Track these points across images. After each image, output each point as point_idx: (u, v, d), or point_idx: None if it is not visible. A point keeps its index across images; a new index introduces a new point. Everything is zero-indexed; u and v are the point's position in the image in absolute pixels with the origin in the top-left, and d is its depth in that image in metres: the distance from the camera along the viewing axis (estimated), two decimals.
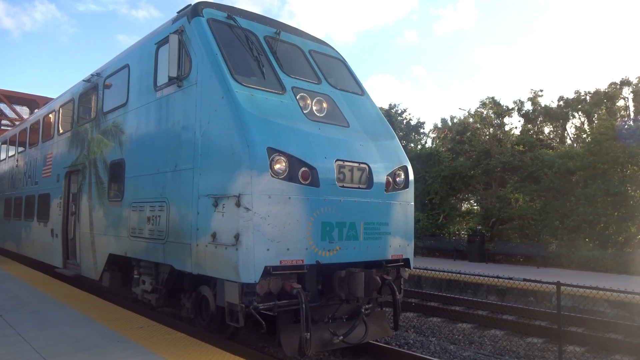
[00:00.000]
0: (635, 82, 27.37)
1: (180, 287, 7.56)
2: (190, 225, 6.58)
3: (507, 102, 39.04)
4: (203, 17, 7.08)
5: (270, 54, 7.32)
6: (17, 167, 16.17)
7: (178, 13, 7.68)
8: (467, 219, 27.38)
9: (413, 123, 37.01)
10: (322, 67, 8.01)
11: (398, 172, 7.42)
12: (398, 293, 7.23)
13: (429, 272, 12.77)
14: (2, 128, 28.21)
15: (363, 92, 8.49)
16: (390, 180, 7.24)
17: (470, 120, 30.82)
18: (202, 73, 6.76)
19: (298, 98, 6.93)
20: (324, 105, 7.23)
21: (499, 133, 27.52)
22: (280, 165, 5.97)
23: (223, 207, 6.02)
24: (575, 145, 26.86)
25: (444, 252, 23.78)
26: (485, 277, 10.89)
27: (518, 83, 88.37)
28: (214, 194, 6.18)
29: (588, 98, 28.73)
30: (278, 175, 5.94)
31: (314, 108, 7.05)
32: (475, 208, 28.56)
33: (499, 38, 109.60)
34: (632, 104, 27.86)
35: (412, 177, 7.70)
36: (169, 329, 6.91)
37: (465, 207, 29.76)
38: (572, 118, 29.82)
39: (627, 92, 27.98)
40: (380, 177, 7.07)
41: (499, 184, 25.09)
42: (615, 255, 18.10)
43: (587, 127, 27.82)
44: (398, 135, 8.35)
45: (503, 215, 23.47)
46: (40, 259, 13.18)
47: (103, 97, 9.91)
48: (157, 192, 7.51)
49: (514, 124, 51.35)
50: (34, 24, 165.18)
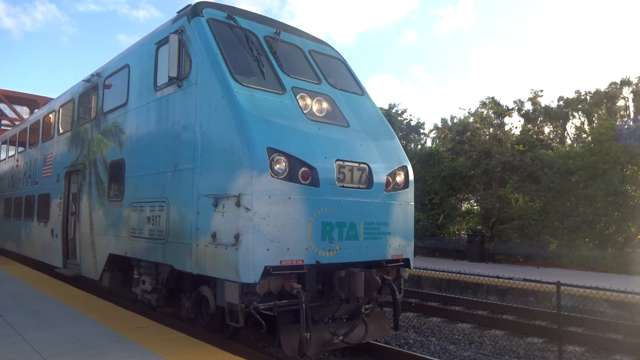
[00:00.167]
0: (635, 81, 27.38)
1: (180, 287, 7.56)
2: (190, 225, 6.58)
3: (507, 102, 39.12)
4: (203, 17, 7.08)
5: (270, 54, 7.32)
6: (17, 167, 16.18)
7: (178, 13, 7.68)
8: (467, 219, 27.36)
9: (413, 123, 36.97)
10: (322, 67, 8.01)
11: (398, 172, 7.42)
12: (398, 293, 7.23)
13: (429, 272, 12.78)
14: (2, 128, 28.21)
15: (363, 92, 8.49)
16: (390, 180, 7.24)
17: (471, 120, 30.81)
18: (202, 73, 6.76)
19: (298, 98, 6.93)
20: (324, 105, 7.23)
21: (499, 133, 27.50)
22: (280, 165, 5.97)
23: (223, 207, 6.02)
24: (575, 145, 26.84)
25: (444, 252, 23.76)
26: (485, 277, 10.89)
27: (518, 83, 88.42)
28: (214, 194, 6.18)
29: (588, 98, 28.71)
30: (278, 175, 5.94)
31: (314, 108, 7.05)
32: (475, 208, 28.54)
33: (499, 38, 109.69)
34: (632, 104, 27.85)
35: (412, 177, 7.70)
36: (169, 329, 6.91)
37: (465, 207, 29.73)
38: (572, 118, 29.81)
39: (627, 92, 27.98)
40: (380, 177, 7.07)
41: (499, 184, 25.07)
42: (615, 255, 18.09)
43: (587, 127, 27.80)
44: (398, 136, 8.36)
45: (503, 215, 23.47)
46: (40, 259, 13.18)
47: (103, 97, 9.91)
48: (157, 192, 7.51)
49: (514, 124, 51.34)
50: (35, 24, 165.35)
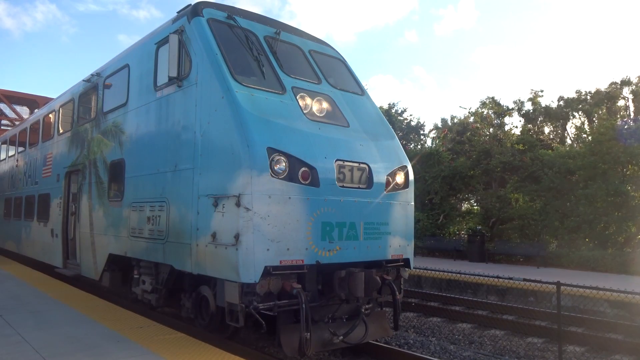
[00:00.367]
0: (636, 81, 27.35)
1: (180, 287, 7.56)
2: (190, 225, 6.58)
3: (507, 102, 39.03)
4: (203, 17, 7.07)
5: (270, 54, 7.32)
6: (17, 167, 16.17)
7: (178, 13, 7.68)
8: (467, 219, 27.35)
9: (413, 124, 36.95)
10: (322, 67, 8.01)
11: (398, 172, 7.42)
12: (398, 293, 7.23)
13: (429, 272, 12.76)
14: (2, 128, 28.20)
15: (363, 92, 8.49)
16: (390, 180, 7.24)
17: (471, 120, 30.78)
18: (202, 73, 6.76)
19: (298, 98, 6.93)
20: (324, 105, 7.23)
21: (499, 133, 27.49)
22: (280, 165, 5.97)
23: (223, 207, 6.02)
24: (576, 145, 26.83)
25: (444, 252, 23.75)
26: (485, 277, 10.87)
27: (518, 83, 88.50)
28: (214, 194, 6.18)
29: (588, 98, 28.69)
30: (278, 175, 5.94)
31: (314, 108, 7.05)
32: (475, 208, 28.52)
33: (499, 38, 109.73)
34: (632, 104, 27.83)
35: (412, 177, 7.70)
36: (169, 329, 6.91)
37: (465, 207, 29.73)
38: (572, 118, 29.80)
39: (627, 92, 27.95)
40: (380, 177, 7.07)
41: (499, 184, 25.06)
42: (615, 255, 18.09)
43: (587, 127, 27.77)
44: (398, 136, 8.36)
45: (503, 215, 23.46)
46: (40, 259, 13.18)
47: (103, 97, 9.91)
48: (157, 192, 7.51)
49: (515, 124, 51.33)
50: (35, 24, 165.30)
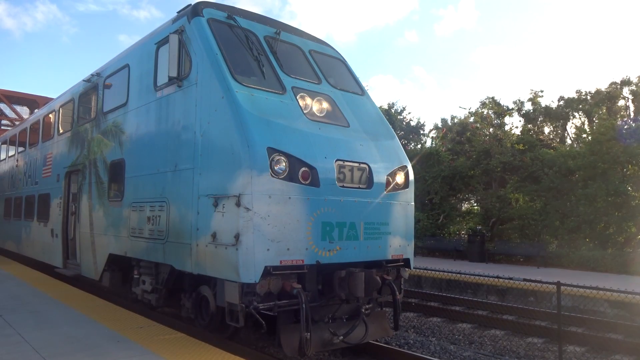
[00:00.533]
0: (636, 81, 27.34)
1: (180, 287, 7.56)
2: (191, 225, 6.57)
3: (507, 102, 38.95)
4: (203, 17, 7.07)
5: (271, 54, 7.32)
6: (17, 167, 16.17)
7: (178, 13, 7.68)
8: (467, 219, 27.37)
9: (413, 124, 36.94)
10: (322, 67, 8.01)
11: (398, 172, 7.42)
12: (398, 293, 7.23)
13: (429, 272, 12.76)
14: (2, 128, 28.20)
15: (363, 92, 8.49)
16: (391, 180, 7.24)
17: (471, 120, 30.77)
18: (202, 73, 6.76)
19: (298, 98, 6.93)
20: (324, 105, 7.23)
21: (499, 133, 27.48)
22: (281, 165, 5.97)
23: (223, 207, 6.02)
24: (576, 145, 26.83)
25: (444, 252, 23.76)
26: (485, 277, 10.87)
27: (518, 83, 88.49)
28: (214, 194, 6.18)
29: (589, 98, 28.68)
30: (278, 175, 5.94)
31: (314, 108, 7.05)
32: (475, 208, 28.53)
33: (500, 38, 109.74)
34: (632, 104, 27.83)
35: (412, 177, 7.70)
36: (169, 329, 6.91)
37: (465, 207, 29.73)
38: (572, 118, 29.79)
39: (627, 92, 27.94)
40: (381, 177, 7.07)
41: (499, 184, 25.06)
42: (615, 255, 18.09)
43: (587, 127, 27.77)
44: (398, 135, 8.36)
45: (503, 215, 23.46)
46: (40, 259, 13.18)
47: (103, 97, 9.90)
48: (157, 192, 7.51)
49: (515, 124, 51.33)
50: (35, 24, 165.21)
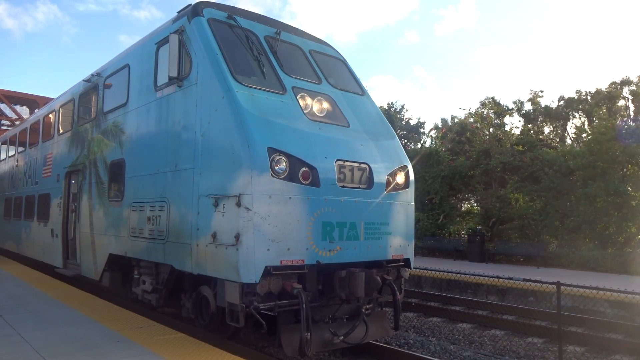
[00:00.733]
0: (636, 81, 27.34)
1: (181, 287, 7.55)
2: (191, 225, 6.57)
3: (507, 102, 38.99)
4: (203, 16, 7.07)
5: (271, 54, 7.32)
6: (17, 167, 16.17)
7: (178, 13, 7.68)
8: (467, 219, 27.35)
9: (413, 123, 36.95)
10: (322, 67, 8.00)
11: (398, 172, 7.41)
12: (398, 293, 7.23)
13: (429, 272, 12.76)
14: (2, 128, 28.19)
15: (363, 92, 8.49)
16: (391, 180, 7.24)
17: (471, 120, 30.76)
18: (202, 73, 6.75)
19: (298, 98, 6.93)
20: (325, 105, 7.23)
21: (499, 133, 27.47)
22: (281, 165, 5.97)
23: (223, 207, 6.02)
24: (576, 145, 26.82)
25: (444, 252, 23.75)
26: (485, 277, 10.87)
27: (518, 83, 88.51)
28: (215, 194, 6.18)
29: (589, 98, 28.68)
30: (278, 175, 5.94)
31: (315, 108, 7.05)
32: (475, 208, 28.52)
33: (500, 38, 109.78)
34: (631, 104, 27.83)
35: (412, 177, 7.69)
36: (169, 329, 6.90)
37: (465, 207, 29.72)
38: (572, 118, 29.79)
39: (627, 92, 27.95)
40: (381, 177, 7.06)
41: (499, 184, 25.05)
42: (615, 255, 18.09)
43: (587, 127, 27.76)
44: (398, 134, 8.35)
45: (503, 215, 23.45)
46: (40, 259, 13.17)
47: (103, 97, 9.90)
48: (157, 192, 7.51)
49: (515, 124, 51.35)
50: (36, 25, 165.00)
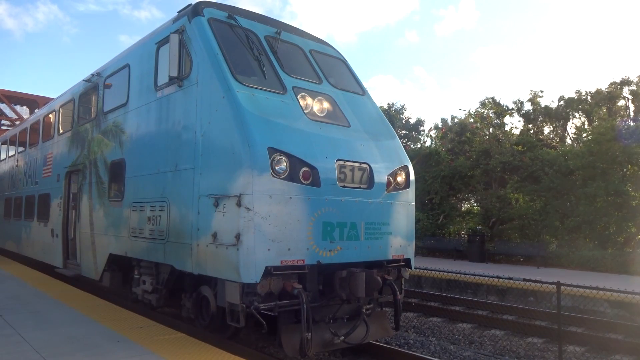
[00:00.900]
0: (636, 81, 27.33)
1: (181, 287, 7.55)
2: (191, 225, 6.57)
3: (507, 102, 38.96)
4: (204, 16, 7.07)
5: (271, 54, 7.31)
6: (17, 167, 16.16)
7: (179, 13, 7.67)
8: (467, 219, 27.35)
9: (412, 121, 36.97)
10: (322, 66, 8.00)
11: (399, 172, 7.41)
12: (399, 293, 7.22)
13: (429, 272, 12.76)
14: (2, 128, 28.18)
15: (364, 91, 8.48)
16: (391, 180, 7.23)
17: (471, 121, 30.76)
18: (202, 73, 6.75)
19: (299, 98, 6.92)
20: (325, 105, 7.22)
21: (499, 133, 27.47)
22: (281, 165, 5.97)
23: (224, 207, 6.02)
24: (576, 145, 26.82)
25: (444, 252, 23.75)
26: (485, 277, 10.87)
27: (518, 83, 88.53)
28: (215, 194, 6.17)
29: (589, 98, 28.67)
30: (279, 175, 5.93)
31: (315, 108, 7.04)
32: (475, 208, 28.52)
33: (500, 38, 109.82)
34: (631, 104, 27.83)
35: (413, 177, 7.69)
36: (169, 329, 6.90)
37: (465, 207, 29.72)
38: (572, 118, 29.78)
39: (627, 92, 27.94)
40: (381, 177, 7.06)
41: (499, 184, 25.05)
42: (615, 255, 18.09)
43: (587, 127, 27.75)
44: (398, 134, 8.36)
45: (503, 215, 23.45)
46: (41, 259, 13.17)
47: (103, 96, 9.90)
48: (157, 192, 7.50)
49: (515, 124, 51.36)
50: (36, 25, 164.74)
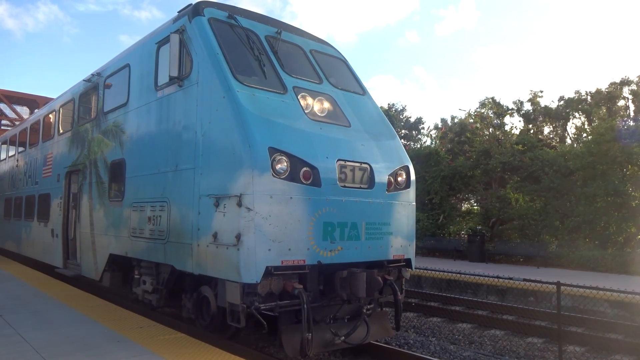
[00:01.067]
0: (636, 81, 27.34)
1: (181, 287, 7.54)
2: (191, 226, 6.56)
3: (507, 102, 38.96)
4: (204, 16, 7.06)
5: (272, 54, 7.31)
6: (17, 167, 16.15)
7: (179, 12, 7.67)
8: (467, 219, 27.35)
9: (412, 120, 37.03)
10: (323, 66, 8.00)
11: (399, 172, 7.41)
12: (399, 293, 7.22)
13: (429, 272, 12.76)
14: (2, 128, 28.17)
15: (364, 91, 8.48)
16: (392, 180, 7.23)
17: (471, 121, 30.76)
18: (203, 72, 6.75)
19: (299, 98, 6.92)
20: (326, 105, 7.22)
21: (499, 133, 27.47)
22: (282, 165, 5.96)
23: (224, 207, 6.01)
24: (576, 145, 26.83)
25: (444, 252, 23.75)
26: (485, 277, 10.87)
27: (518, 83, 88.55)
28: (215, 194, 6.17)
29: (589, 98, 28.67)
30: (279, 175, 5.93)
31: (316, 108, 7.04)
32: (475, 208, 28.53)
33: (500, 38, 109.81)
34: (632, 104, 27.84)
35: (413, 177, 7.69)
36: (169, 329, 6.90)
37: (465, 207, 29.72)
38: (572, 118, 29.78)
39: (627, 92, 27.95)
40: (382, 177, 7.06)
41: (499, 184, 25.06)
42: (615, 255, 18.09)
43: (587, 127, 27.76)
44: (399, 135, 8.36)
45: (503, 215, 23.45)
46: (41, 259, 13.16)
47: (103, 96, 9.89)
48: (157, 192, 7.50)
49: (515, 124, 51.37)
50: (37, 25, 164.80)
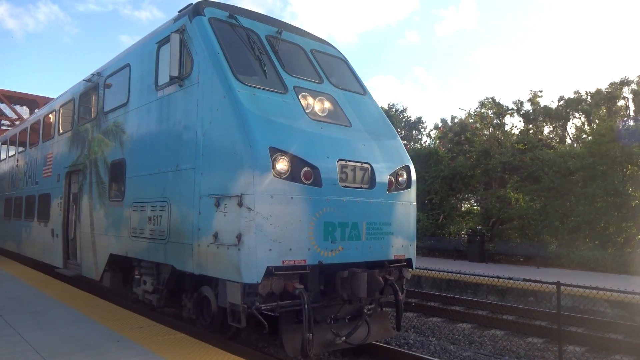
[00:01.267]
0: (636, 81, 27.35)
1: (182, 287, 7.54)
2: (192, 226, 6.56)
3: (507, 102, 38.96)
4: (205, 16, 7.05)
5: (272, 53, 7.30)
6: (17, 167, 16.14)
7: (179, 12, 7.66)
8: (467, 219, 27.35)
9: (412, 119, 37.04)
10: (324, 66, 7.99)
11: (400, 172, 7.40)
12: (400, 293, 7.21)
13: (429, 272, 12.76)
14: (2, 128, 28.15)
15: (365, 91, 8.47)
16: (393, 180, 7.22)
17: (471, 121, 30.76)
18: (203, 72, 6.74)
19: (300, 97, 6.91)
20: (326, 105, 7.21)
21: (499, 133, 27.47)
22: (283, 165, 5.95)
23: (225, 207, 6.00)
24: (576, 146, 26.84)
25: (444, 252, 23.75)
26: (485, 277, 10.87)
27: (518, 83, 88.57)
28: (216, 194, 6.16)
29: (589, 98, 28.68)
30: (280, 175, 5.92)
31: (316, 107, 7.03)
32: (475, 208, 28.53)
33: (500, 38, 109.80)
34: (632, 104, 27.84)
35: (414, 177, 7.69)
36: (169, 329, 6.89)
37: (465, 207, 29.72)
38: (572, 118, 29.80)
39: (627, 92, 27.96)
40: (383, 177, 7.05)
41: (499, 184, 25.06)
42: (615, 255, 18.10)
43: (587, 127, 27.78)
44: (400, 135, 8.36)
45: (503, 215, 23.46)
46: (41, 259, 13.15)
47: (104, 96, 9.88)
48: (158, 192, 7.49)
49: (515, 124, 51.38)
50: (37, 25, 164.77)
